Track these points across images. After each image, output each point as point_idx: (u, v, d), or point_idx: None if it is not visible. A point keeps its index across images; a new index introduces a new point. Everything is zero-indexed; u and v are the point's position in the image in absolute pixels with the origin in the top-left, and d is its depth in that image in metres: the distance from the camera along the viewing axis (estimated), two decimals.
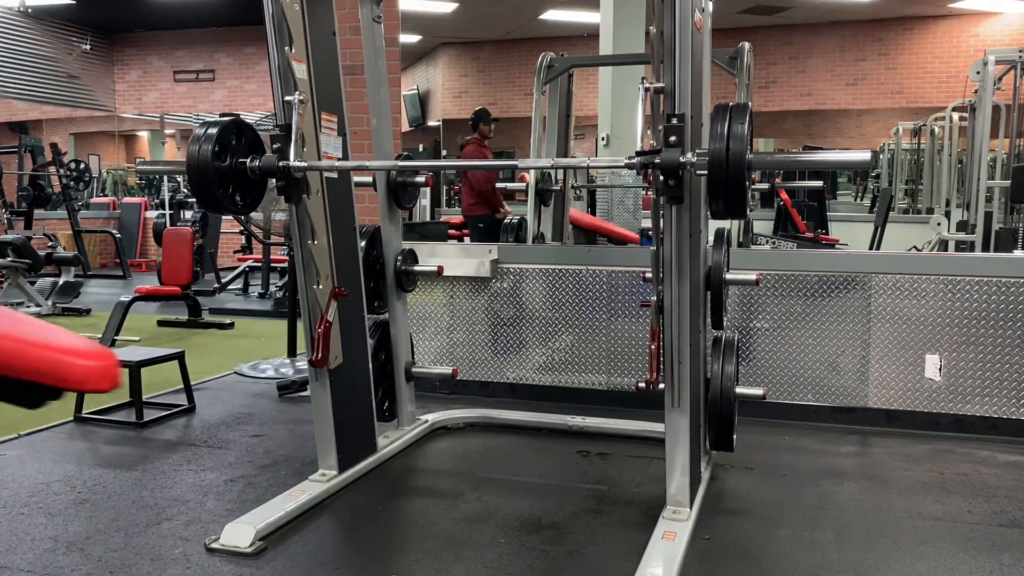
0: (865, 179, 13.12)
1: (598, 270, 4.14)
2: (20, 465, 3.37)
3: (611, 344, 4.15)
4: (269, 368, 5.04)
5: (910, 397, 3.79)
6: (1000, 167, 7.34)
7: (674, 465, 2.68)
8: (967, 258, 4.54)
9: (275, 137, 2.74)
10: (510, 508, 2.90)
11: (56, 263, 8.06)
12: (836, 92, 12.94)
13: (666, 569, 2.37)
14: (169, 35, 13.71)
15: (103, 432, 3.85)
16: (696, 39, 2.48)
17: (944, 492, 3.06)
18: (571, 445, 3.60)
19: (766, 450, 3.53)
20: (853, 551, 2.57)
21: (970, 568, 2.46)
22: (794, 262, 3.98)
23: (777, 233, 8.45)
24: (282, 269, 8.18)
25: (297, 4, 2.77)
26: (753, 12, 11.71)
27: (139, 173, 15.38)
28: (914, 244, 7.96)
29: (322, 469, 3.08)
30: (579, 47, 11.57)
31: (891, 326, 3.78)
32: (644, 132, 2.46)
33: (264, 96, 13.06)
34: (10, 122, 15.12)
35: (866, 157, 2.42)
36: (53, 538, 2.66)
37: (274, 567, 2.48)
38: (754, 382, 3.90)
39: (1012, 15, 11.82)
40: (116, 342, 5.88)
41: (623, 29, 6.75)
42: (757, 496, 3.03)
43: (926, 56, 12.32)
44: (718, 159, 2.26)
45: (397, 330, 3.55)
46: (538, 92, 5.62)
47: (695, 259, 2.62)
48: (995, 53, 6.37)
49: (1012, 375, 3.66)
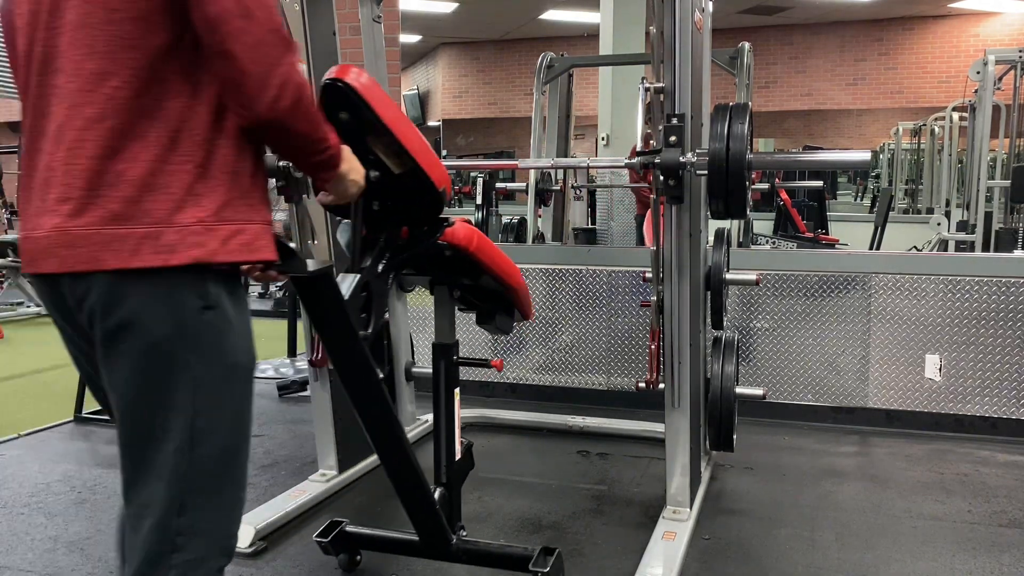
0: (865, 179, 13.12)
1: (598, 270, 4.14)
2: (20, 465, 3.37)
3: (611, 344, 4.15)
4: (269, 368, 5.04)
5: (910, 397, 3.79)
6: (1000, 167, 7.35)
7: (674, 465, 2.68)
8: (967, 258, 4.53)
9: None
10: (510, 508, 2.90)
11: None
12: (836, 92, 12.95)
13: (666, 569, 2.37)
14: None
15: (103, 432, 3.85)
16: (696, 39, 2.48)
17: (944, 492, 3.06)
18: (571, 445, 3.60)
19: (766, 450, 3.53)
20: (853, 551, 2.57)
21: (970, 568, 2.46)
22: (794, 262, 3.98)
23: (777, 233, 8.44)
24: None
25: (297, 4, 2.77)
26: (753, 12, 11.72)
27: None
28: (914, 244, 7.95)
29: (322, 469, 3.08)
30: (579, 47, 11.57)
31: (891, 326, 3.78)
32: (644, 132, 2.46)
33: None
34: (10, 122, 15.13)
35: (866, 157, 2.42)
36: (53, 538, 2.66)
37: (274, 567, 2.48)
38: (754, 382, 3.90)
39: (1012, 15, 11.82)
40: None
41: (623, 29, 6.75)
42: (757, 496, 3.03)
43: (926, 56, 12.33)
44: (718, 159, 2.26)
45: (397, 330, 3.55)
46: (538, 92, 5.62)
47: (695, 259, 2.62)
48: (995, 53, 6.37)
49: (1012, 375, 3.66)
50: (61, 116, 1.26)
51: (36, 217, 1.29)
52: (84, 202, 1.23)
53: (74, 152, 1.24)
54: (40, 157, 1.29)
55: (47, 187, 1.27)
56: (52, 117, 1.27)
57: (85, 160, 1.24)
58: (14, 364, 5.35)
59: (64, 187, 1.24)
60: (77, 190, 1.24)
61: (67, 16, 1.25)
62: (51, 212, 1.25)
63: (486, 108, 14.89)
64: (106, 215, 1.23)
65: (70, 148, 1.24)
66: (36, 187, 1.29)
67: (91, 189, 1.23)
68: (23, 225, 1.33)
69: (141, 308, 1.26)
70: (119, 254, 1.23)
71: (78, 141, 1.24)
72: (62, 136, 1.25)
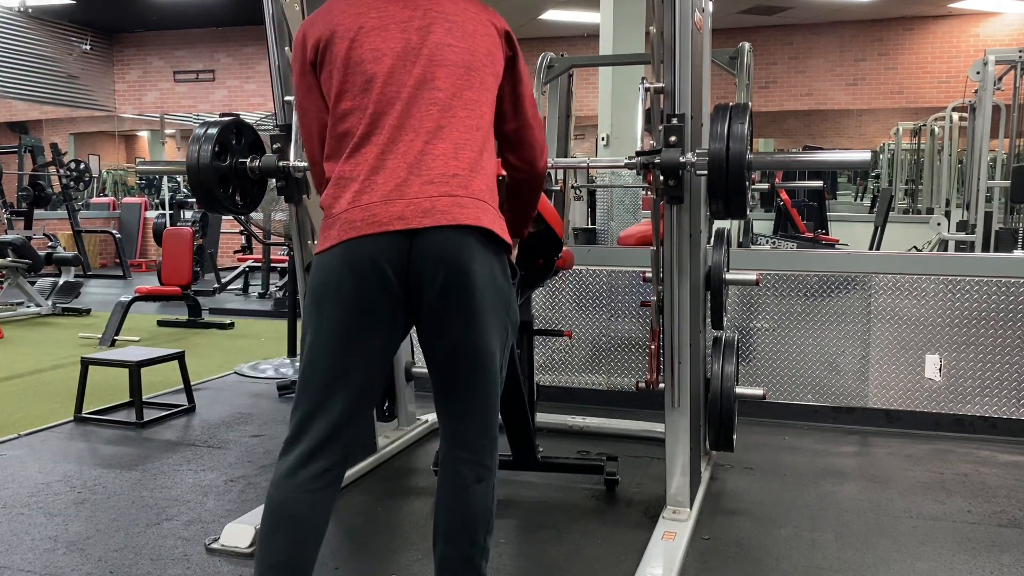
0: (865, 179, 13.12)
1: (598, 270, 4.14)
2: (20, 465, 3.37)
3: (611, 344, 4.15)
4: (269, 368, 5.04)
5: (910, 397, 3.79)
6: (1000, 167, 7.35)
7: (674, 465, 2.68)
8: (967, 258, 4.54)
9: (275, 137, 2.74)
10: (510, 508, 2.90)
11: (56, 263, 8.05)
12: (836, 92, 12.93)
13: (666, 569, 2.37)
14: (169, 35, 13.71)
15: (103, 432, 3.85)
16: (696, 39, 2.48)
17: (944, 492, 3.06)
18: (571, 445, 3.59)
19: (766, 450, 3.53)
20: (853, 551, 2.57)
21: (970, 568, 2.46)
22: (794, 262, 3.98)
23: (777, 233, 8.44)
24: (282, 269, 8.18)
25: (297, 4, 2.77)
26: (753, 12, 11.70)
27: (139, 173, 15.33)
28: (914, 244, 7.95)
29: None
30: (579, 47, 11.57)
31: (891, 326, 3.78)
32: (644, 132, 2.46)
33: (264, 96, 13.06)
34: (10, 122, 15.13)
35: (866, 157, 2.41)
36: (53, 538, 2.66)
37: None
38: (754, 382, 3.90)
39: (1012, 15, 11.81)
40: (116, 342, 5.88)
41: (623, 29, 6.74)
42: (757, 496, 3.03)
43: (926, 56, 12.31)
44: (718, 159, 2.26)
45: None
46: (538, 92, 5.61)
47: (695, 259, 2.62)
48: (995, 53, 6.37)
49: (1012, 375, 3.66)
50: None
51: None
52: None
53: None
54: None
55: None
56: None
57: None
58: (14, 364, 5.35)
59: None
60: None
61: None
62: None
63: None
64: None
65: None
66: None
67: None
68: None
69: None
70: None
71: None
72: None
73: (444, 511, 1.83)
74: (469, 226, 1.71)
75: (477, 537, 1.81)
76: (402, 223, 1.67)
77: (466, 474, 1.81)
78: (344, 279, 1.71)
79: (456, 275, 1.69)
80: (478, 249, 1.71)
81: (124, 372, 4.13)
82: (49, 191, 10.17)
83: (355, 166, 1.74)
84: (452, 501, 1.82)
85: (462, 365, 1.77)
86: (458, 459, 1.82)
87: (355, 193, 1.72)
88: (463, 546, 1.81)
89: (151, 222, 12.37)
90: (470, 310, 1.72)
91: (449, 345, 1.76)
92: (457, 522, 1.81)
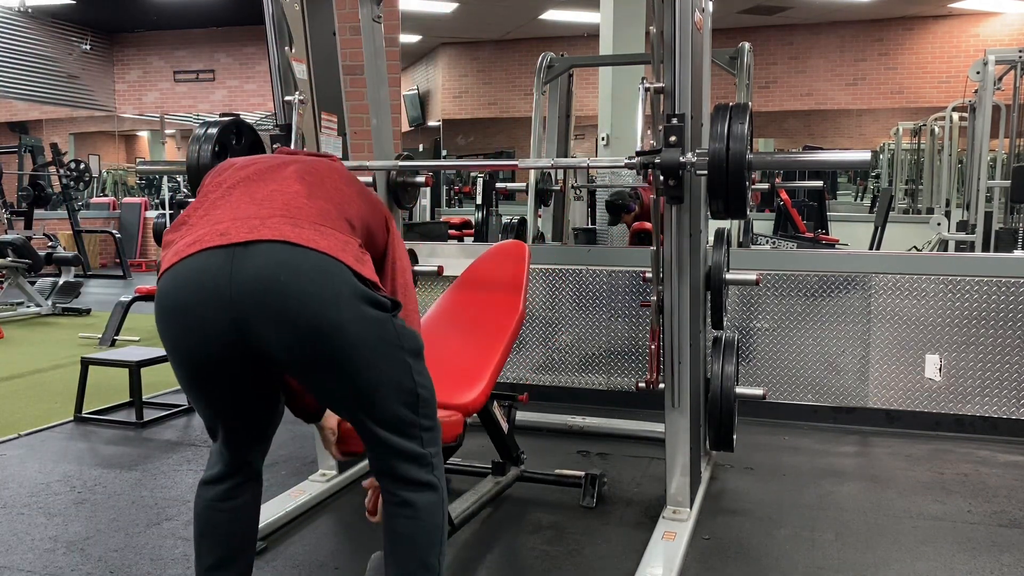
0: (865, 179, 13.11)
1: (598, 270, 4.14)
2: (20, 465, 3.37)
3: (611, 344, 4.15)
4: None
5: (910, 397, 3.79)
6: (1000, 167, 7.34)
7: (674, 465, 2.68)
8: (967, 258, 4.54)
9: (275, 137, 2.74)
10: (510, 507, 2.90)
11: (56, 263, 8.05)
12: (836, 92, 12.94)
13: (666, 569, 2.37)
14: (169, 35, 13.71)
15: (103, 432, 3.85)
16: (696, 39, 2.48)
17: (944, 492, 3.06)
18: (571, 445, 3.60)
19: (766, 450, 3.53)
20: (853, 551, 2.57)
21: (970, 568, 2.46)
22: (794, 262, 3.98)
23: (777, 233, 8.44)
24: None
25: (297, 4, 2.77)
26: (753, 12, 11.71)
27: (139, 173, 15.35)
28: (914, 244, 7.95)
29: (322, 469, 3.08)
30: (579, 47, 11.56)
31: (891, 326, 3.78)
32: (644, 132, 2.46)
33: (264, 96, 13.06)
34: (10, 122, 15.13)
35: (866, 157, 2.41)
36: (53, 538, 2.66)
37: (274, 567, 2.48)
38: (754, 382, 3.90)
39: (1012, 15, 11.82)
40: (116, 342, 5.88)
41: (623, 29, 6.74)
42: (757, 496, 3.03)
43: (926, 56, 12.31)
44: (718, 159, 2.26)
45: None
46: (538, 92, 5.62)
47: (695, 259, 2.62)
48: (995, 53, 6.36)
49: (1012, 375, 3.66)
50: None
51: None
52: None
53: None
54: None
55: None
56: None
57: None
58: (14, 364, 5.35)
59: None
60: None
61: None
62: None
63: (486, 108, 14.88)
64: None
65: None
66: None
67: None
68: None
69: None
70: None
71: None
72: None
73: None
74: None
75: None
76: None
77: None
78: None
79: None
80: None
81: (124, 372, 4.13)
82: (49, 191, 10.16)
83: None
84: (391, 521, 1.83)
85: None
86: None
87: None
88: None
89: (151, 222, 12.37)
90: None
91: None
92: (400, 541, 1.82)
